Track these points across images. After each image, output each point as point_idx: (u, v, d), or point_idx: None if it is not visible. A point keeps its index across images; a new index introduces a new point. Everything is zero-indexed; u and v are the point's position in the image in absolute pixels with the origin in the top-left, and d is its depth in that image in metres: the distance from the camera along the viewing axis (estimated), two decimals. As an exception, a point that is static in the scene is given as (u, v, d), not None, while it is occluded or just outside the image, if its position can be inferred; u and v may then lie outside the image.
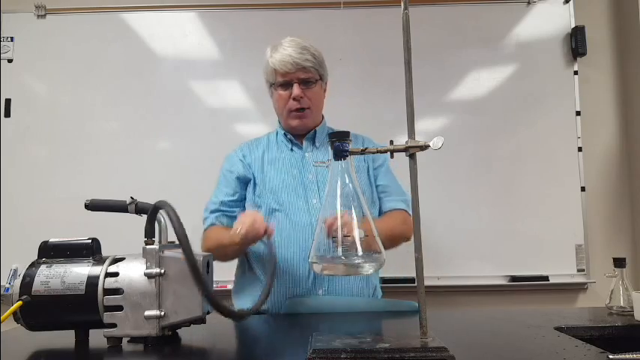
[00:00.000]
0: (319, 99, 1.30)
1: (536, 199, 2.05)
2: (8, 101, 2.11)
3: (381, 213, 1.28)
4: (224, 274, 1.27)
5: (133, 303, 0.74)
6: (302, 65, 1.21)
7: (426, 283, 0.67)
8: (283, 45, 1.23)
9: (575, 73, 2.11)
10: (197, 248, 1.02)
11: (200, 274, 0.62)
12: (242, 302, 1.23)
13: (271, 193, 1.22)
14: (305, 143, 1.31)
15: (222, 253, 1.16)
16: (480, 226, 2.05)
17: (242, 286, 1.26)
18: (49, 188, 2.07)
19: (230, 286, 1.36)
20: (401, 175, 1.22)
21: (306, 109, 1.25)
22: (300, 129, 1.30)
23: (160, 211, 0.76)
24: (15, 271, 2.00)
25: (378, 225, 0.96)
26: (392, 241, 1.15)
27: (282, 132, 1.33)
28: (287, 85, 1.23)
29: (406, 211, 1.27)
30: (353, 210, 0.70)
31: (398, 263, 1.04)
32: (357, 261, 0.68)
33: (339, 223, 0.69)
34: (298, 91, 1.22)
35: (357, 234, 0.68)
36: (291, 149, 1.30)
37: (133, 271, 0.76)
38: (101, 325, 0.75)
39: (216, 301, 0.63)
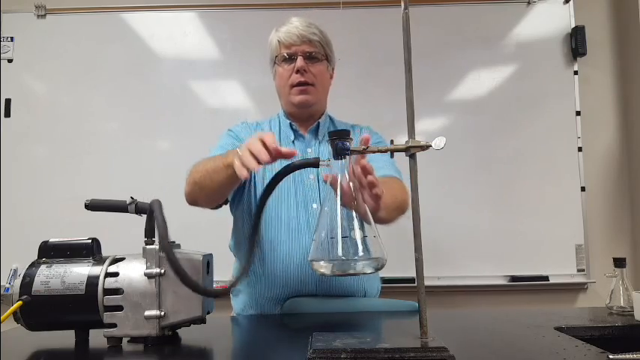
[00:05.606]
0: (324, 78, 1.24)
1: (536, 199, 2.05)
2: (8, 101, 2.11)
3: None
4: (225, 274, 1.26)
5: (133, 303, 0.74)
6: (308, 38, 1.18)
7: (426, 283, 0.67)
8: (290, 20, 1.21)
9: (575, 73, 2.11)
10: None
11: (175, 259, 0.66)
12: (240, 304, 1.20)
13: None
14: (308, 136, 1.25)
15: (207, 184, 1.03)
16: (480, 226, 2.05)
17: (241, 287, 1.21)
18: (49, 188, 2.07)
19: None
20: (401, 175, 1.20)
21: (309, 85, 1.19)
22: (303, 106, 1.21)
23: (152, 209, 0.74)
24: (15, 271, 2.00)
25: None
26: (399, 208, 1.03)
27: (285, 119, 1.27)
28: (291, 59, 1.19)
29: (401, 180, 1.14)
30: (353, 210, 0.70)
31: (398, 263, 1.03)
32: (357, 261, 0.67)
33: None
34: (302, 63, 1.17)
35: (357, 234, 0.68)
36: (293, 141, 1.24)
37: (133, 271, 0.76)
38: (101, 325, 0.75)
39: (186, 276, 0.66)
